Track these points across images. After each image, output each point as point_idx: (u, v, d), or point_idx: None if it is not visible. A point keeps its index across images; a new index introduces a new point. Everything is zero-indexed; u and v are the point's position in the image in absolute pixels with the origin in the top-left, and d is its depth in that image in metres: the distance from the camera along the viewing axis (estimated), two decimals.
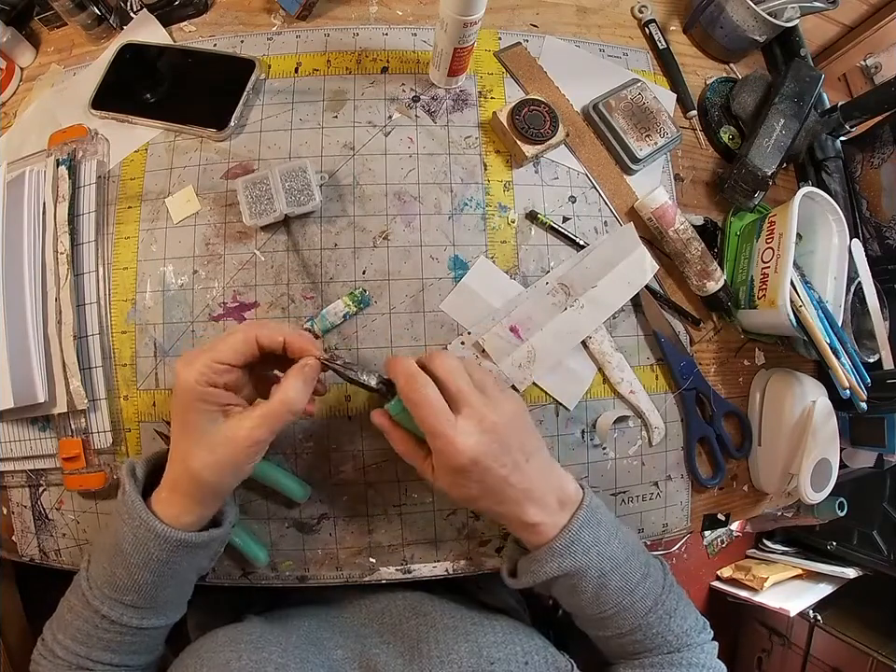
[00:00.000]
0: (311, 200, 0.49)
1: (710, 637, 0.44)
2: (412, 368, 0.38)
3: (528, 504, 0.39)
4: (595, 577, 0.40)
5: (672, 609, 0.42)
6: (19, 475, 0.52)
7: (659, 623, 0.41)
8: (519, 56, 0.56)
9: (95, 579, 0.40)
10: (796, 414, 0.54)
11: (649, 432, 0.54)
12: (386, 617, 0.48)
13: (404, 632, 0.45)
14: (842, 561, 1.29)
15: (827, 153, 0.62)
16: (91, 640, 0.39)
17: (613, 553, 0.40)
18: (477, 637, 0.43)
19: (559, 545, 0.39)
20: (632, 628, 0.41)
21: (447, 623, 0.45)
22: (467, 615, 0.46)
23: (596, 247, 0.53)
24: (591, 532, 0.40)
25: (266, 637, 0.42)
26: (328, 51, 0.54)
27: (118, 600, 0.39)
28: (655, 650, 0.42)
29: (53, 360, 0.48)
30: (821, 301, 0.53)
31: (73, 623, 0.40)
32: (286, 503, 0.50)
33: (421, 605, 0.48)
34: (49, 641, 0.41)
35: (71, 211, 0.50)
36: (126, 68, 0.54)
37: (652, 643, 0.41)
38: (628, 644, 0.42)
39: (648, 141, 0.55)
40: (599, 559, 0.40)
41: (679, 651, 0.42)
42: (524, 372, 0.50)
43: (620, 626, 0.41)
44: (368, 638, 0.45)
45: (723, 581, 1.52)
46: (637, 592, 0.41)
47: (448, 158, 0.53)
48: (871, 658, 1.14)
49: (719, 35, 0.60)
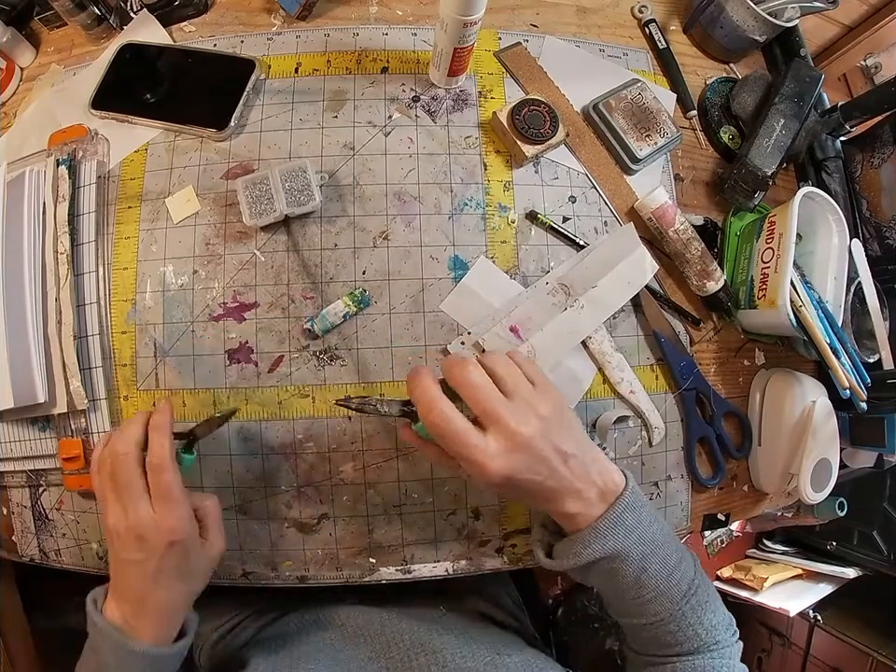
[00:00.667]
0: (311, 200, 0.49)
1: (737, 638, 0.44)
2: (431, 394, 0.36)
3: (567, 499, 0.39)
4: (636, 560, 0.39)
5: (703, 600, 0.42)
6: (19, 475, 0.52)
7: (692, 613, 0.41)
8: (519, 56, 0.56)
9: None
10: (796, 414, 0.54)
11: (649, 432, 0.54)
12: (394, 651, 0.47)
13: (413, 670, 0.44)
14: (842, 561, 1.29)
15: (827, 153, 0.62)
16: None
17: (654, 536, 0.40)
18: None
19: (603, 526, 0.39)
20: (667, 616, 0.41)
21: (459, 664, 0.44)
22: (478, 654, 0.45)
23: (596, 247, 0.53)
24: (634, 515, 0.40)
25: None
26: (328, 51, 0.54)
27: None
28: (686, 643, 0.41)
29: (53, 360, 0.48)
30: (821, 301, 0.53)
31: None
32: (286, 503, 0.50)
33: (429, 641, 0.47)
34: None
35: (71, 211, 0.50)
36: (126, 68, 0.54)
37: (685, 635, 0.41)
38: (662, 635, 0.42)
39: (648, 141, 0.55)
40: (641, 542, 0.39)
41: (709, 650, 0.42)
42: None
43: (657, 612, 0.41)
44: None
45: (723, 581, 1.52)
46: (674, 576, 0.40)
47: (448, 158, 0.53)
48: (871, 658, 1.14)
49: (719, 35, 0.60)
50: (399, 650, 0.46)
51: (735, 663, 0.42)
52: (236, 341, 0.49)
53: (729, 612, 0.45)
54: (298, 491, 0.50)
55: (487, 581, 0.62)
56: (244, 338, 0.49)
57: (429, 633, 0.47)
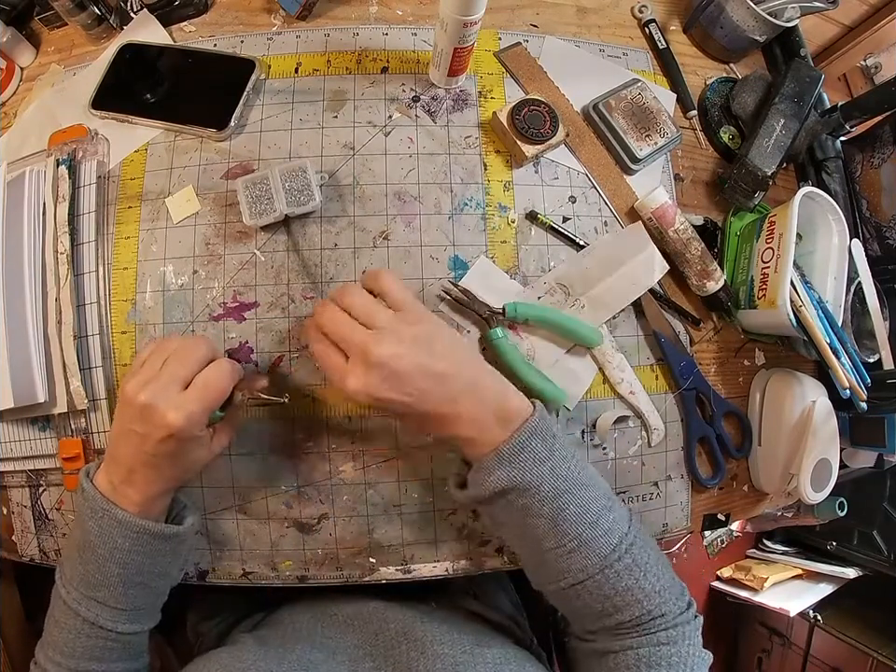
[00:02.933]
0: (311, 200, 0.49)
1: (693, 613, 0.40)
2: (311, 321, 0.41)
3: (457, 422, 0.38)
4: (549, 496, 0.37)
5: (643, 561, 0.39)
6: (19, 475, 0.52)
7: (628, 574, 0.38)
8: (519, 56, 0.56)
9: (70, 579, 0.41)
10: (796, 414, 0.54)
11: (648, 433, 0.54)
12: (380, 640, 0.47)
13: (395, 657, 0.44)
14: (842, 561, 1.29)
15: (827, 153, 0.62)
16: (77, 651, 0.40)
17: (571, 472, 0.38)
18: (466, 668, 0.41)
19: (507, 450, 0.37)
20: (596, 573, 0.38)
21: (437, 650, 0.44)
22: (458, 643, 0.44)
23: (596, 247, 0.53)
24: (544, 444, 0.38)
25: (258, 663, 0.42)
26: (328, 51, 0.54)
27: (91, 597, 0.40)
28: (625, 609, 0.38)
29: (53, 360, 0.48)
30: (821, 301, 0.53)
31: (59, 637, 0.41)
32: (286, 503, 0.50)
33: (413, 629, 0.47)
34: (41, 662, 0.42)
35: (71, 211, 0.50)
36: (126, 68, 0.54)
37: (622, 600, 0.38)
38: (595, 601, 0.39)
39: (648, 141, 0.55)
40: (554, 475, 0.38)
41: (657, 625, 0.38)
42: None
43: (583, 568, 0.38)
44: (359, 662, 0.45)
45: (723, 581, 1.52)
46: (601, 524, 0.38)
47: (448, 158, 0.53)
48: (871, 658, 1.14)
49: (719, 35, 0.60)
50: (385, 637, 0.47)
51: (691, 647, 0.38)
52: (236, 341, 0.49)
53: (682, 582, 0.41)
54: (298, 491, 0.50)
55: (483, 581, 0.62)
56: (244, 338, 0.49)
57: (414, 622, 0.48)
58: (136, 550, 0.40)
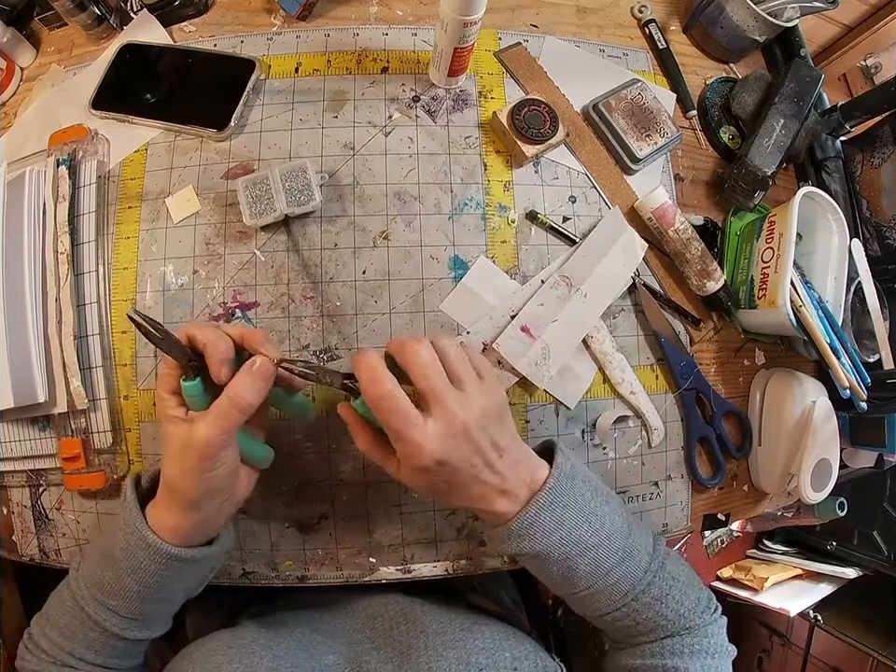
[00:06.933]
0: (311, 200, 0.49)
1: (717, 615, 0.43)
2: (374, 365, 0.35)
3: (499, 498, 0.38)
4: (559, 560, 0.39)
5: (662, 594, 0.40)
6: (19, 475, 0.52)
7: (647, 608, 0.40)
8: (519, 56, 0.56)
9: (86, 577, 0.40)
10: (796, 414, 0.54)
11: (648, 433, 0.54)
12: (378, 622, 0.47)
13: (395, 637, 0.45)
14: (842, 561, 1.29)
15: (827, 153, 0.62)
16: (77, 636, 0.40)
17: (581, 538, 0.39)
18: (465, 643, 0.43)
19: (516, 527, 0.38)
20: (613, 611, 0.40)
21: (436, 628, 0.44)
22: (455, 620, 0.46)
23: (588, 237, 0.53)
24: (553, 515, 0.38)
25: (258, 641, 0.42)
26: (328, 51, 0.54)
27: (103, 603, 0.39)
28: (652, 632, 0.41)
29: (53, 360, 0.48)
30: (821, 301, 0.53)
31: (61, 617, 0.40)
32: (286, 503, 0.50)
33: (411, 610, 0.47)
34: (35, 635, 0.41)
35: (71, 211, 0.50)
36: (126, 68, 0.54)
37: (646, 627, 0.41)
38: (622, 628, 0.41)
39: (648, 141, 0.55)
40: (563, 544, 0.38)
41: (680, 634, 0.41)
42: (541, 370, 0.50)
43: (597, 609, 0.40)
44: (359, 644, 0.45)
45: (723, 581, 1.52)
46: (612, 576, 0.39)
47: (448, 158, 0.53)
48: (871, 658, 1.14)
49: (719, 35, 0.60)
50: (384, 620, 0.47)
51: (715, 640, 0.41)
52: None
53: (707, 591, 0.44)
54: (298, 491, 0.50)
55: (484, 579, 0.62)
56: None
57: (413, 606, 0.48)
58: (161, 572, 0.38)
